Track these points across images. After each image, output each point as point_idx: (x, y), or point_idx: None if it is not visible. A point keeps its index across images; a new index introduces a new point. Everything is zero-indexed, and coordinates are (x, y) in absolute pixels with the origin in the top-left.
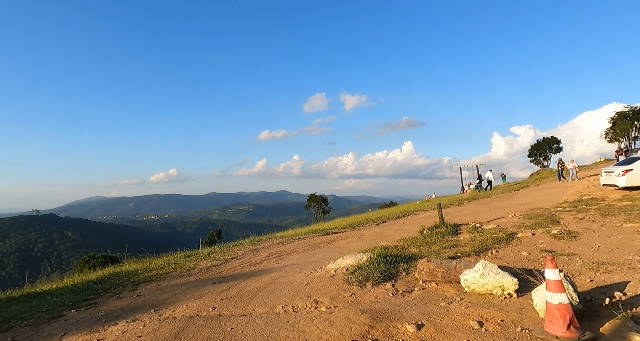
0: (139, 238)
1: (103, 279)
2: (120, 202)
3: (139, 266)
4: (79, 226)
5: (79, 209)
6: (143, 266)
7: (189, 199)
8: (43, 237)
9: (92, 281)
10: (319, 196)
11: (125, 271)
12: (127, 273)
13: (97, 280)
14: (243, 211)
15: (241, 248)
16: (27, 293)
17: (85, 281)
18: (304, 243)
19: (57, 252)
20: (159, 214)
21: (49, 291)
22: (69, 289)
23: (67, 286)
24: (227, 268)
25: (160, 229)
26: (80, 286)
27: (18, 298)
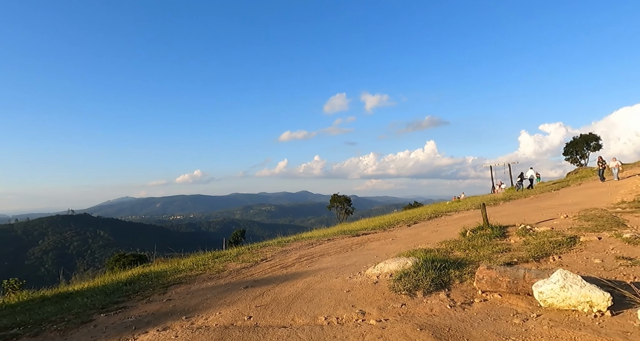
0: (166, 237)
1: (132, 280)
2: (148, 202)
3: (168, 267)
4: (111, 226)
5: (110, 209)
6: (172, 266)
7: (212, 199)
8: (78, 236)
9: (122, 282)
10: (342, 196)
11: (154, 271)
12: (156, 274)
13: (126, 281)
14: (265, 212)
15: (270, 250)
16: (59, 292)
17: (115, 281)
18: (334, 244)
19: (91, 250)
20: (184, 214)
21: (80, 292)
22: (100, 290)
23: (98, 287)
24: (258, 270)
25: (186, 229)
26: (111, 288)
27: (51, 298)
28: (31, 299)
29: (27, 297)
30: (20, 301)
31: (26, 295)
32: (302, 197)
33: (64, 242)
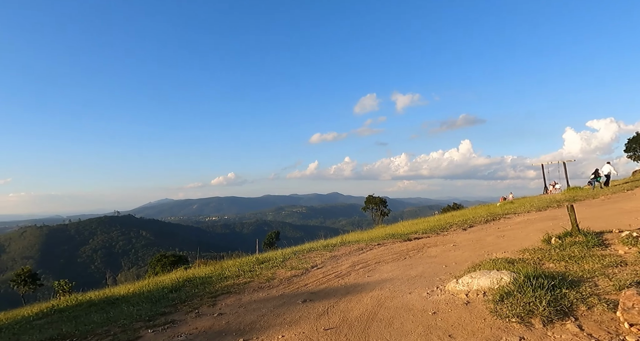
0: (202, 237)
1: (178, 287)
2: (186, 204)
3: (212, 271)
4: (152, 226)
5: (152, 211)
6: (216, 271)
7: (246, 201)
8: (123, 236)
9: (167, 288)
10: (377, 197)
11: (198, 276)
12: (201, 279)
13: (172, 287)
14: (296, 213)
15: (318, 255)
16: (106, 297)
17: (160, 287)
18: (387, 250)
19: (134, 249)
20: (219, 215)
21: (126, 297)
22: (145, 297)
23: (143, 293)
24: (311, 279)
25: (221, 229)
26: (156, 295)
27: (97, 303)
28: (79, 303)
29: (75, 301)
30: (68, 306)
31: (74, 299)
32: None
33: (111, 241)
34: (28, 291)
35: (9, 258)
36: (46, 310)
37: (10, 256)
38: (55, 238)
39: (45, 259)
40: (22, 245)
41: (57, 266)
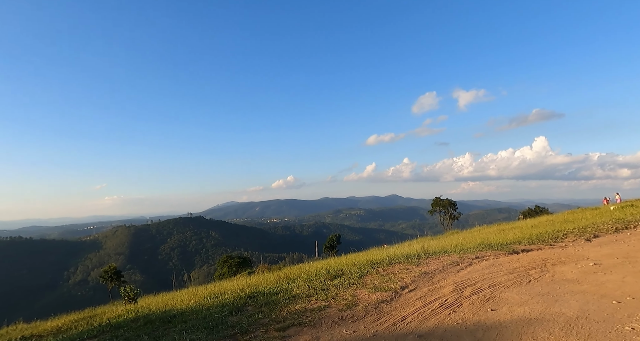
0: (265, 239)
1: (239, 307)
2: (249, 206)
3: (278, 285)
4: (220, 227)
5: (219, 212)
6: (282, 284)
7: (304, 203)
8: (195, 236)
9: (228, 308)
10: (445, 199)
11: (263, 292)
12: (266, 298)
13: (232, 307)
14: (354, 216)
15: (402, 269)
16: (165, 311)
17: (220, 304)
18: (492, 266)
19: (205, 248)
20: (279, 217)
21: (184, 314)
22: (202, 317)
23: (202, 311)
24: (409, 309)
25: (282, 231)
26: (215, 316)
27: (154, 320)
28: (136, 317)
29: (135, 314)
30: (126, 320)
31: (134, 311)
32: (392, 201)
33: (185, 241)
34: (114, 286)
35: (105, 253)
36: (104, 323)
37: (106, 252)
38: (140, 236)
39: (133, 255)
40: (115, 242)
41: (142, 262)
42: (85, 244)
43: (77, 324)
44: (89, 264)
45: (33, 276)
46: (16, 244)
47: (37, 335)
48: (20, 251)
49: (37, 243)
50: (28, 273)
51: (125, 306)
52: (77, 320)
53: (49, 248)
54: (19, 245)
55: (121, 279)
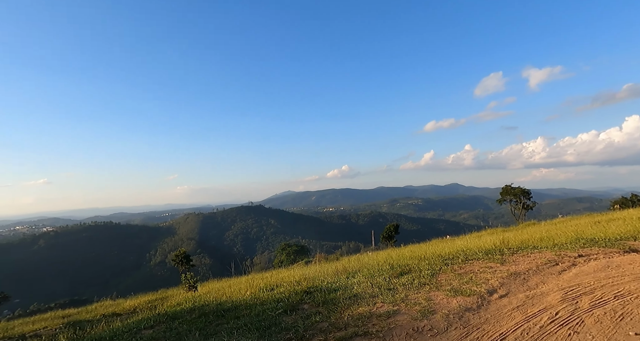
0: (321, 227)
1: (295, 305)
2: (305, 196)
3: (337, 280)
4: (278, 216)
5: (277, 201)
6: (341, 278)
7: (360, 193)
8: (256, 223)
9: (283, 305)
10: (517, 187)
11: (320, 288)
12: (323, 296)
13: (288, 303)
14: (412, 205)
15: (484, 268)
16: (221, 302)
17: (276, 299)
18: (606, 267)
19: (265, 236)
20: (335, 206)
21: (238, 308)
22: (256, 314)
23: (256, 306)
24: (506, 324)
25: (337, 220)
26: (269, 314)
27: (209, 313)
28: (192, 308)
29: (192, 304)
30: (182, 310)
31: (192, 300)
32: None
33: (247, 228)
34: (184, 270)
35: (179, 238)
36: (162, 312)
37: (180, 237)
38: (207, 223)
39: (202, 240)
40: (187, 228)
41: (210, 247)
42: (162, 229)
43: (150, 305)
44: (166, 248)
45: (122, 257)
46: (109, 229)
47: (116, 314)
48: (112, 234)
49: (124, 227)
50: (118, 254)
51: (186, 293)
52: (150, 301)
53: (133, 233)
54: (111, 229)
55: (190, 264)
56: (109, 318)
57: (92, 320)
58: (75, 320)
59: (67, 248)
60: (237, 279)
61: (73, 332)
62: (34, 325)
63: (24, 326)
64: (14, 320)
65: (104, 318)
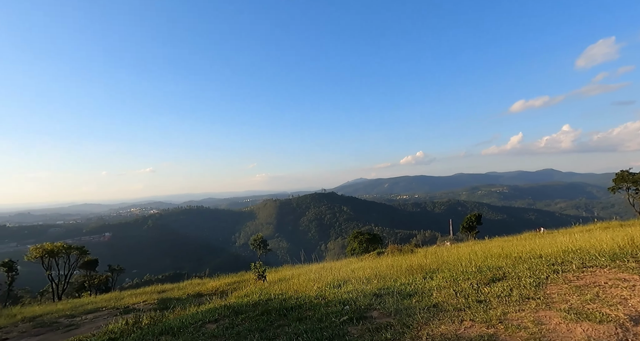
0: (394, 215)
1: (362, 311)
2: (378, 183)
3: (412, 280)
4: (351, 203)
5: (349, 189)
6: (417, 279)
7: (435, 180)
8: (329, 210)
9: (348, 311)
10: (638, 174)
11: (392, 291)
12: (396, 303)
13: (353, 311)
14: (495, 193)
15: (613, 279)
16: (284, 300)
17: (340, 301)
18: None
19: (338, 222)
20: (409, 194)
21: (302, 307)
22: (318, 319)
23: (319, 309)
24: None
25: (411, 208)
26: (332, 322)
27: (272, 310)
28: (257, 303)
29: (258, 296)
30: (247, 304)
31: (259, 292)
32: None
33: (321, 214)
34: (261, 254)
35: (258, 222)
36: (229, 304)
37: (260, 222)
38: (284, 209)
39: (280, 225)
40: (265, 214)
41: (287, 232)
42: (245, 214)
43: (229, 287)
44: (248, 231)
45: (212, 237)
46: (201, 212)
47: (200, 294)
48: (203, 217)
49: (213, 211)
50: (209, 234)
51: (255, 282)
52: (229, 283)
53: (221, 216)
54: (202, 213)
55: (267, 248)
56: (193, 298)
57: (179, 298)
58: (166, 298)
59: (168, 228)
60: (309, 267)
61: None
62: (137, 298)
63: (130, 298)
64: (128, 289)
65: (189, 298)
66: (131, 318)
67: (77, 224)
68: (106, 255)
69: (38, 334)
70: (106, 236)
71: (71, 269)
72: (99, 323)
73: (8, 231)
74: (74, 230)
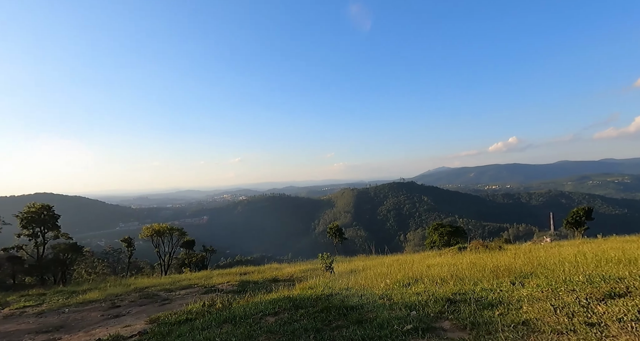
0: (481, 206)
1: (430, 320)
2: (462, 172)
3: (495, 291)
4: (432, 193)
5: (430, 178)
6: (501, 289)
7: (531, 168)
8: (408, 200)
9: (415, 318)
10: None
11: (469, 298)
12: (473, 314)
13: (421, 319)
14: (613, 183)
15: None
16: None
17: (406, 305)
18: None
19: (418, 213)
20: (499, 184)
21: (363, 307)
22: (379, 325)
23: (382, 312)
24: None
25: (502, 199)
26: (394, 331)
27: (332, 307)
28: (318, 298)
29: (320, 291)
30: (309, 298)
31: (322, 285)
32: None
33: (399, 204)
34: (337, 242)
35: (337, 211)
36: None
37: (338, 210)
38: (361, 198)
39: (357, 214)
40: (343, 202)
41: (365, 221)
42: (323, 202)
43: (302, 274)
44: (327, 219)
45: (293, 223)
46: (282, 199)
47: (276, 279)
48: (285, 204)
49: (294, 199)
50: (290, 221)
51: (323, 273)
52: (304, 270)
53: (301, 204)
54: (284, 200)
55: (342, 237)
56: (268, 283)
57: (256, 282)
58: (246, 281)
59: (255, 214)
60: (382, 259)
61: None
62: (222, 278)
63: (217, 278)
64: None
65: (264, 283)
66: (209, 300)
67: (182, 208)
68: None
69: (142, 305)
70: (204, 218)
71: (173, 248)
72: (187, 300)
73: (133, 212)
74: (180, 213)
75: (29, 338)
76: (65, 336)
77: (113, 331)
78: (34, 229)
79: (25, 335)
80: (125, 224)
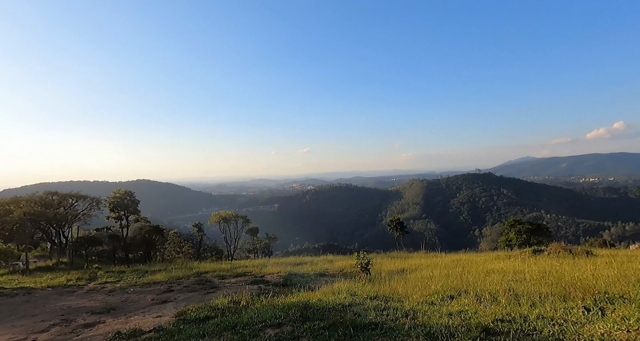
0: (575, 201)
1: None
2: (551, 162)
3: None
4: (513, 185)
5: (511, 169)
6: (568, 314)
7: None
8: (484, 192)
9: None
10: None
11: (516, 324)
12: None
13: None
14: None
15: None
16: (361, 312)
17: (437, 327)
18: None
19: (496, 206)
20: (599, 176)
21: (381, 326)
22: None
23: (398, 339)
24: None
25: (603, 193)
26: None
27: (342, 323)
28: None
29: (343, 297)
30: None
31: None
32: None
33: (474, 197)
34: (398, 236)
35: (405, 202)
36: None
37: (406, 201)
38: (431, 189)
39: (427, 206)
40: (412, 193)
41: (435, 213)
42: (391, 193)
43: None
44: (394, 210)
45: (361, 214)
46: (350, 189)
47: (324, 273)
48: (352, 194)
49: (361, 189)
50: (358, 211)
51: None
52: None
53: (368, 194)
54: (351, 190)
55: (404, 230)
56: (315, 277)
57: (304, 275)
58: (294, 273)
59: (323, 203)
60: (440, 258)
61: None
62: (274, 268)
63: (271, 268)
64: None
65: (311, 277)
66: (237, 295)
67: (255, 196)
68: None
69: (192, 291)
70: (275, 206)
71: (238, 234)
72: (231, 290)
73: (214, 198)
74: (253, 200)
75: (83, 317)
76: (110, 319)
77: (142, 322)
78: (119, 212)
79: (83, 314)
80: (207, 209)
